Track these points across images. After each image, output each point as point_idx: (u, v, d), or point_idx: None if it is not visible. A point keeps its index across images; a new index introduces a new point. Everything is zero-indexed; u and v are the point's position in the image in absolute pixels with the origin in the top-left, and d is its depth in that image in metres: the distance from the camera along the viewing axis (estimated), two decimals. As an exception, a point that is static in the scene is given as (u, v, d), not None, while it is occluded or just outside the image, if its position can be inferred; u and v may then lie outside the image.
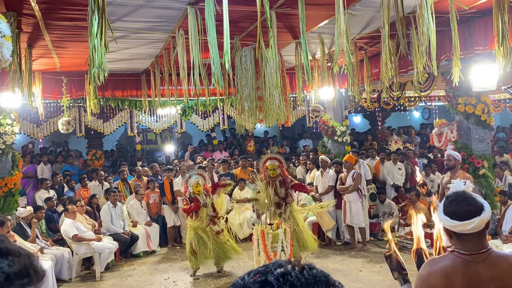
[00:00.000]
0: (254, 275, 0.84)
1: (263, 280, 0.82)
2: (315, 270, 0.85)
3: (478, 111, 7.09)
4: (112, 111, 10.94)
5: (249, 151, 14.35)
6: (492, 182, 7.24)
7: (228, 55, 3.56)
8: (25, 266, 0.82)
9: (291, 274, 0.82)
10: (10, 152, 7.68)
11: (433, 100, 13.10)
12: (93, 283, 7.34)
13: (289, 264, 0.85)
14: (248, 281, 0.84)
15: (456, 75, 4.26)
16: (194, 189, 7.04)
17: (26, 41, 6.27)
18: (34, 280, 0.82)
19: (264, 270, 0.85)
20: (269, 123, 5.69)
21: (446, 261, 2.06)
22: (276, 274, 0.82)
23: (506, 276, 1.94)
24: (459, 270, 2.00)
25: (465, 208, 2.02)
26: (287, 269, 0.83)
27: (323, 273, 0.85)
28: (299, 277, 0.81)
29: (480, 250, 2.01)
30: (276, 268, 0.84)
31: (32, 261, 0.84)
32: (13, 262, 0.81)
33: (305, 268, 0.84)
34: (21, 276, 0.80)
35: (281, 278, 0.81)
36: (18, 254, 0.83)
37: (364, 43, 7.49)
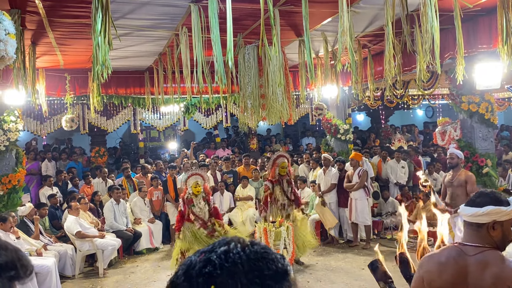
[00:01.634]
0: (200, 254, 0.87)
1: (206, 259, 0.84)
2: (256, 246, 0.87)
3: (482, 110, 7.07)
4: (116, 108, 10.96)
5: (252, 149, 14.35)
6: (495, 181, 7.22)
7: (231, 52, 3.56)
8: (12, 259, 0.82)
9: (233, 251, 0.84)
10: (14, 149, 7.71)
11: (436, 99, 13.05)
12: (96, 279, 7.37)
13: (233, 243, 0.87)
14: (194, 259, 0.87)
15: (460, 73, 4.25)
16: (193, 190, 6.85)
17: (30, 39, 6.29)
18: (21, 273, 0.83)
19: (210, 249, 0.88)
20: (272, 121, 5.69)
21: (444, 250, 2.15)
22: (219, 252, 0.84)
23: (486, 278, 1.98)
24: (452, 259, 2.08)
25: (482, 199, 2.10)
26: (230, 247, 0.85)
27: (264, 249, 0.87)
28: (240, 254, 0.83)
29: (475, 243, 2.07)
30: (220, 246, 0.87)
31: (19, 256, 0.84)
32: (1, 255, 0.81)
33: (247, 245, 0.86)
34: (7, 268, 0.81)
35: (223, 256, 0.83)
36: (5, 248, 0.83)
37: (368, 41, 7.47)
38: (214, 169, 10.45)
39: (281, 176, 7.41)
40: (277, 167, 7.40)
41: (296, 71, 8.80)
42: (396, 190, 10.29)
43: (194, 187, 6.86)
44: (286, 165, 7.47)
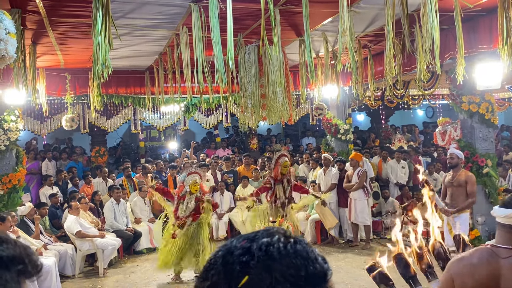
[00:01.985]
0: (242, 240, 0.86)
1: (247, 247, 0.83)
2: (299, 245, 0.85)
3: (482, 110, 7.06)
4: (116, 108, 10.95)
5: (252, 149, 14.35)
6: (495, 181, 7.22)
7: (232, 52, 3.56)
8: (20, 253, 0.82)
9: (274, 245, 0.82)
10: (14, 148, 7.71)
11: (437, 99, 13.05)
12: (96, 279, 7.37)
13: (276, 236, 0.85)
14: (234, 244, 0.85)
15: (460, 73, 4.25)
16: (192, 189, 6.85)
17: (30, 38, 6.29)
18: (30, 268, 0.82)
19: (254, 236, 0.86)
20: (272, 121, 5.69)
21: (476, 252, 2.10)
22: (260, 243, 0.83)
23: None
24: (484, 260, 2.02)
25: None
26: (272, 240, 0.83)
27: (306, 249, 0.84)
28: (280, 249, 0.82)
29: (508, 245, 2.02)
30: (263, 237, 0.85)
31: (28, 252, 0.84)
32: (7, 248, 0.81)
33: (290, 242, 0.84)
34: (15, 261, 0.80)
35: (264, 248, 0.82)
36: (13, 243, 0.83)
37: (368, 41, 7.47)
38: (214, 169, 10.45)
39: (283, 175, 7.48)
40: (279, 166, 7.46)
41: (297, 71, 8.79)
42: (396, 190, 10.29)
43: (193, 186, 6.85)
44: (288, 164, 7.55)
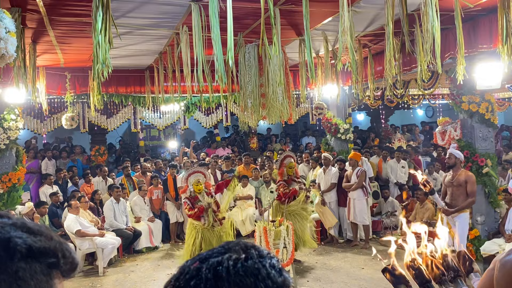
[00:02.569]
0: (195, 261, 0.84)
1: (197, 269, 0.81)
2: (250, 261, 0.81)
3: (482, 110, 7.06)
4: (116, 107, 10.95)
5: (252, 148, 14.35)
6: (495, 181, 7.22)
7: (232, 52, 3.56)
8: (54, 247, 0.81)
9: (223, 264, 0.80)
10: (14, 147, 7.71)
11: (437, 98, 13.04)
12: (96, 278, 7.37)
13: (228, 254, 0.82)
14: (188, 267, 0.83)
15: (460, 73, 4.25)
16: (195, 188, 6.81)
17: (30, 37, 6.29)
18: (62, 263, 0.81)
19: (206, 255, 0.84)
20: (272, 120, 5.69)
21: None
22: (210, 263, 0.81)
23: None
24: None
25: None
26: (223, 259, 0.81)
27: (257, 266, 0.80)
28: (229, 269, 0.79)
29: None
30: (216, 255, 0.82)
31: (64, 248, 0.83)
32: (40, 240, 0.80)
33: (240, 259, 0.81)
34: (46, 254, 0.79)
35: (212, 269, 0.79)
36: (50, 237, 0.82)
37: (368, 40, 7.47)
38: (214, 168, 10.45)
39: (289, 176, 7.50)
40: (285, 168, 7.48)
41: (297, 70, 8.79)
42: (396, 189, 10.30)
43: (196, 185, 6.81)
44: (293, 165, 7.56)
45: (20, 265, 0.75)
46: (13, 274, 0.74)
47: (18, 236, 0.78)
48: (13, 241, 0.77)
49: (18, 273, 0.75)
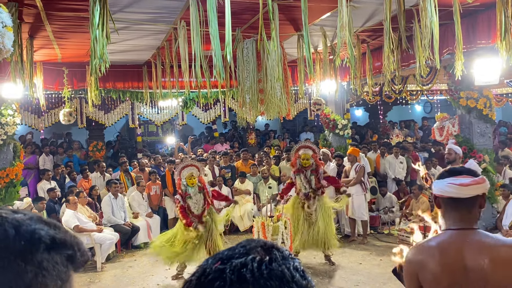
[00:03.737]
0: (217, 260, 0.82)
1: (220, 270, 0.79)
2: (275, 263, 0.80)
3: (480, 105, 7.07)
4: (114, 102, 10.93)
5: (250, 144, 14.35)
6: (493, 176, 7.24)
7: (230, 47, 3.55)
8: (71, 240, 0.84)
9: (248, 267, 0.78)
10: (12, 142, 7.69)
11: (435, 94, 13.05)
12: (94, 273, 7.38)
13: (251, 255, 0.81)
14: (209, 266, 0.81)
15: (458, 69, 4.25)
16: (188, 182, 6.63)
17: (27, 32, 6.26)
18: (78, 255, 0.84)
19: (230, 255, 0.82)
20: (270, 115, 5.68)
21: (434, 239, 2.06)
22: (234, 265, 0.79)
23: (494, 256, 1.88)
24: (448, 243, 1.98)
25: (465, 168, 2.10)
26: (247, 261, 0.79)
27: (282, 268, 0.79)
28: (253, 272, 0.77)
29: (467, 227, 1.99)
30: (239, 256, 0.81)
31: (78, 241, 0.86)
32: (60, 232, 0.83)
33: (265, 261, 0.80)
34: (65, 246, 0.82)
35: (237, 271, 0.78)
36: (65, 230, 0.85)
37: (367, 36, 7.46)
38: (212, 164, 10.45)
39: (304, 167, 7.10)
40: (298, 159, 7.15)
41: (295, 66, 8.77)
42: (394, 185, 10.32)
43: (189, 179, 6.63)
44: (309, 156, 7.08)
45: (44, 256, 0.78)
46: (39, 265, 0.77)
47: (40, 228, 0.81)
48: (37, 233, 0.79)
49: (43, 263, 0.77)
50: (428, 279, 1.96)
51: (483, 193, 2.02)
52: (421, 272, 1.98)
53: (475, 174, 2.04)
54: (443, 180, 2.05)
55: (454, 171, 2.08)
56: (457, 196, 1.99)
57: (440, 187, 2.05)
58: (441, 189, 2.04)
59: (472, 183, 1.98)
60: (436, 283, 1.94)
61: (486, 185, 2.02)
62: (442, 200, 2.06)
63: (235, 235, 9.44)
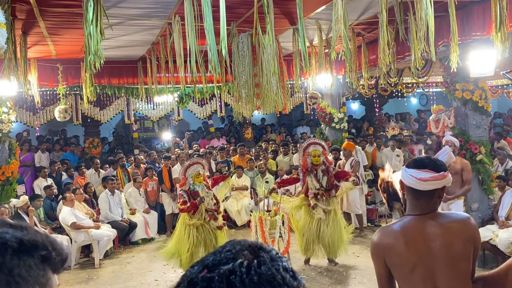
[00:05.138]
0: (203, 269, 0.79)
1: (208, 279, 0.76)
2: (264, 267, 0.78)
3: (476, 97, 7.08)
4: (109, 99, 10.90)
5: (247, 138, 14.35)
6: (489, 168, 7.27)
7: (225, 41, 3.54)
8: (42, 240, 0.79)
9: (237, 273, 0.76)
10: (7, 140, 7.66)
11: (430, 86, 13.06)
12: (92, 270, 7.38)
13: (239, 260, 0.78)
14: (196, 275, 0.78)
15: (454, 61, 4.25)
16: (195, 180, 6.48)
17: (20, 28, 6.21)
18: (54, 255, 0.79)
19: (214, 262, 0.79)
20: (266, 110, 5.67)
21: (397, 223, 2.21)
22: (222, 273, 0.76)
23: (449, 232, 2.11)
24: (410, 227, 2.15)
25: (432, 161, 2.18)
26: (235, 266, 0.77)
27: (271, 271, 0.77)
28: (243, 278, 0.75)
29: (429, 211, 2.17)
30: (226, 262, 0.79)
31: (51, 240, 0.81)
32: (28, 233, 0.78)
33: (254, 265, 0.77)
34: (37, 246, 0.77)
35: (225, 279, 0.76)
36: (34, 231, 0.80)
37: (362, 29, 7.44)
38: (209, 159, 10.45)
39: (315, 165, 6.73)
40: (308, 156, 6.77)
41: (291, 60, 8.76)
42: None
43: (196, 178, 6.50)
44: (319, 153, 6.73)
45: (14, 261, 0.73)
46: (9, 272, 0.72)
47: (4, 231, 0.76)
48: (1, 237, 0.74)
49: (13, 270, 0.72)
50: (394, 262, 2.13)
51: (443, 186, 2.16)
52: (388, 255, 2.15)
53: (438, 168, 2.14)
54: (407, 169, 2.19)
55: (419, 163, 2.19)
56: (417, 188, 2.14)
57: (404, 176, 2.21)
58: (404, 178, 2.20)
59: (431, 179, 2.11)
60: (402, 265, 2.12)
61: (446, 180, 2.15)
62: (406, 186, 2.21)
63: (232, 229, 9.46)
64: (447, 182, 2.15)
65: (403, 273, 2.13)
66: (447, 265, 2.08)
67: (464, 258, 2.09)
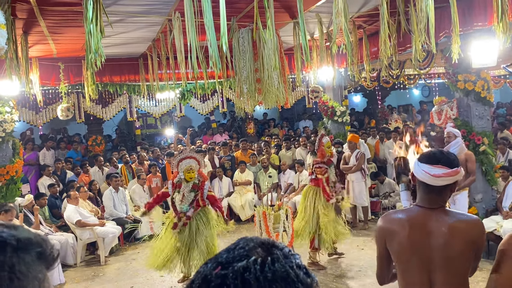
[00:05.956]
0: (217, 265, 0.80)
1: (222, 276, 0.77)
2: (278, 264, 0.78)
3: (478, 88, 7.05)
4: (111, 96, 10.91)
5: (249, 133, 14.35)
6: (492, 159, 7.25)
7: (225, 37, 3.53)
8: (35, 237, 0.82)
9: (251, 270, 0.76)
10: (10, 140, 7.69)
11: (432, 78, 13.02)
12: (98, 267, 7.42)
13: (253, 257, 0.79)
14: (210, 272, 0.79)
15: (455, 52, 4.23)
16: (186, 175, 6.08)
17: (21, 28, 6.21)
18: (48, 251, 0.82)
19: (228, 259, 0.80)
20: (268, 105, 5.67)
21: (404, 212, 2.28)
22: (236, 270, 0.77)
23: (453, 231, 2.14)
24: (416, 218, 2.20)
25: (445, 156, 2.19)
26: (249, 263, 0.77)
27: (285, 268, 0.78)
28: (257, 275, 0.76)
29: (435, 207, 2.21)
30: (239, 259, 0.79)
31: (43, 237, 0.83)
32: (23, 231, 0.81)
33: (267, 263, 0.78)
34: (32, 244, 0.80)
35: (240, 276, 0.76)
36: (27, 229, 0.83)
37: (363, 21, 7.41)
38: (212, 154, 10.46)
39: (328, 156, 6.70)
40: (324, 147, 6.67)
41: (292, 54, 8.74)
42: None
43: (187, 173, 6.09)
44: (330, 144, 6.77)
45: (14, 258, 0.75)
46: (10, 269, 0.74)
47: (1, 231, 0.78)
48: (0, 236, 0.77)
49: (15, 266, 0.75)
50: (395, 248, 2.22)
51: (455, 181, 2.18)
52: (389, 240, 2.24)
53: (452, 164, 2.16)
54: (420, 164, 2.20)
55: (432, 158, 2.20)
56: (430, 183, 2.17)
57: (416, 170, 2.22)
58: (417, 173, 2.22)
59: (444, 175, 2.13)
60: (402, 252, 2.20)
61: (459, 176, 2.17)
62: (417, 179, 2.24)
63: (236, 224, 9.48)
64: (459, 177, 2.18)
65: (401, 260, 2.22)
66: (444, 262, 2.12)
67: (462, 258, 2.13)
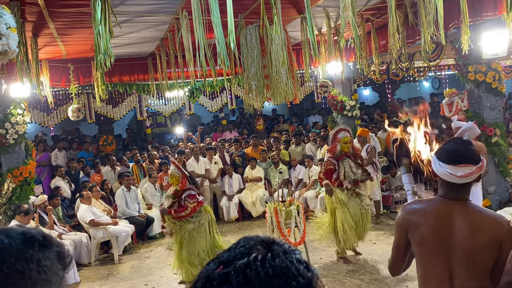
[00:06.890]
0: (218, 265, 0.81)
1: (224, 274, 0.78)
2: (278, 259, 0.79)
3: (489, 79, 6.98)
4: (121, 96, 10.98)
5: (259, 129, 14.36)
6: (504, 150, 7.17)
7: (233, 34, 3.53)
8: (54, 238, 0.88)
9: (252, 267, 0.78)
10: (23, 141, 7.78)
11: (442, 70, 12.90)
12: (112, 266, 7.50)
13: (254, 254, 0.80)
14: (212, 272, 0.80)
15: (465, 43, 4.19)
16: (170, 179, 6.32)
17: (31, 30, 6.28)
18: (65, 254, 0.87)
19: (229, 258, 0.81)
20: (277, 101, 5.67)
21: (428, 202, 2.26)
22: (238, 267, 0.78)
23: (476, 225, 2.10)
24: (440, 210, 2.17)
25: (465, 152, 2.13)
26: (250, 260, 0.79)
27: (285, 263, 0.79)
28: (258, 271, 0.77)
29: (460, 198, 2.17)
30: (241, 256, 0.80)
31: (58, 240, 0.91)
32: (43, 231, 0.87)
33: (268, 259, 0.79)
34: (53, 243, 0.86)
35: (242, 273, 0.77)
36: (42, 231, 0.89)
37: (371, 14, 7.36)
38: (222, 151, 10.49)
39: (344, 152, 6.55)
40: (338, 143, 6.53)
41: (299, 49, 8.72)
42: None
43: (171, 178, 6.31)
44: (349, 140, 6.54)
45: (40, 254, 0.82)
46: (38, 263, 0.80)
47: (28, 229, 0.85)
48: (28, 233, 0.83)
49: (41, 261, 0.81)
50: (416, 239, 2.19)
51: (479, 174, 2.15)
52: (411, 230, 2.20)
53: (475, 159, 2.10)
54: (443, 165, 2.14)
55: (454, 157, 2.13)
56: (454, 182, 2.13)
57: (439, 171, 2.16)
58: (440, 174, 2.17)
59: (471, 174, 2.09)
60: (424, 244, 2.18)
61: (484, 169, 2.16)
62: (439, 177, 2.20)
63: (248, 221, 9.52)
64: (482, 169, 2.15)
65: (422, 252, 2.19)
66: (466, 256, 2.09)
67: (485, 255, 2.08)
